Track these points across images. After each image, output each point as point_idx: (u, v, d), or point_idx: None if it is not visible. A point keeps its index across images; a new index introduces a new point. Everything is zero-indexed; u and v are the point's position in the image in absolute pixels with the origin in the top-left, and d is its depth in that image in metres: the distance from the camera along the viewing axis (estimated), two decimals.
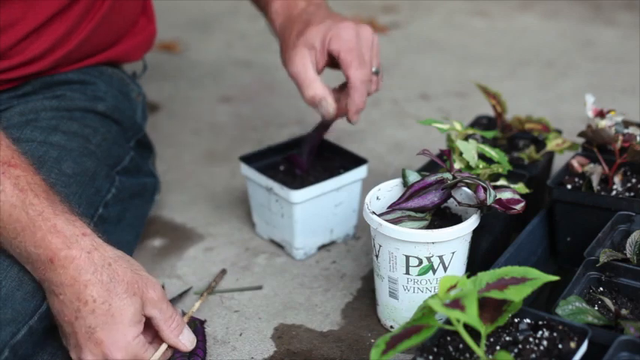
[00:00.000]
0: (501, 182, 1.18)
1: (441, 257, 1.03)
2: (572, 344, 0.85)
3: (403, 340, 0.80)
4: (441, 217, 1.10)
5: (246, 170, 1.31)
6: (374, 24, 2.35)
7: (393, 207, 1.06)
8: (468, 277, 0.84)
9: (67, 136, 1.14)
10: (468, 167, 1.13)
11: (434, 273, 1.04)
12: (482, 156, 1.15)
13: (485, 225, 1.17)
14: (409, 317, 0.91)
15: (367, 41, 1.20)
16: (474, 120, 1.44)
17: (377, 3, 2.53)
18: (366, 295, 1.20)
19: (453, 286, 0.82)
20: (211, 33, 2.25)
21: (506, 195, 1.06)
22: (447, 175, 1.06)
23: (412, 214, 1.05)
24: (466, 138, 1.17)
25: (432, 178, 1.05)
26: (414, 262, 1.03)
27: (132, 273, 0.97)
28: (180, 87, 1.98)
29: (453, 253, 1.04)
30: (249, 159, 1.33)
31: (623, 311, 0.95)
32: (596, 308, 0.96)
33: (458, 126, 1.18)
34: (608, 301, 0.95)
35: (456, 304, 0.78)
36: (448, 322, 0.81)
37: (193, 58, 2.13)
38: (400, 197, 1.06)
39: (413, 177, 1.10)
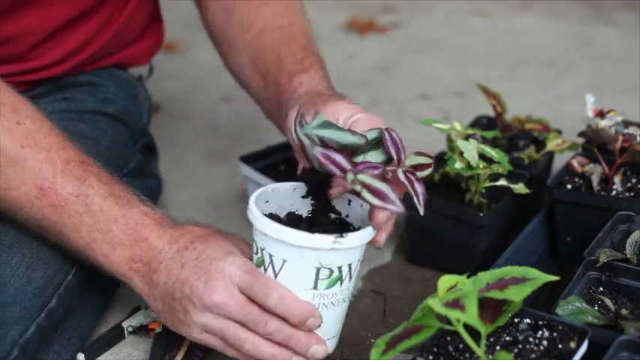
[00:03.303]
0: (502, 182, 1.18)
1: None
2: (572, 344, 0.85)
3: (403, 340, 0.80)
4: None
5: (246, 170, 1.31)
6: (374, 24, 2.35)
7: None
8: (468, 277, 0.84)
9: (76, 139, 1.14)
10: (469, 167, 1.13)
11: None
12: (482, 156, 1.15)
13: (485, 225, 1.17)
14: None
15: None
16: (474, 120, 1.44)
17: (377, 3, 2.53)
18: (366, 295, 1.20)
19: (453, 286, 0.82)
20: None
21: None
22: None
23: None
24: (466, 138, 1.17)
25: None
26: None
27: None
28: (180, 87, 1.98)
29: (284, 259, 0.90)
30: (249, 159, 1.33)
31: (623, 311, 0.95)
32: (596, 308, 0.96)
33: (458, 126, 1.18)
34: (608, 301, 0.95)
35: (456, 304, 0.78)
36: (448, 322, 0.81)
37: (194, 58, 2.13)
38: None
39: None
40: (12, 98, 0.97)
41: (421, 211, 0.87)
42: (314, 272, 0.89)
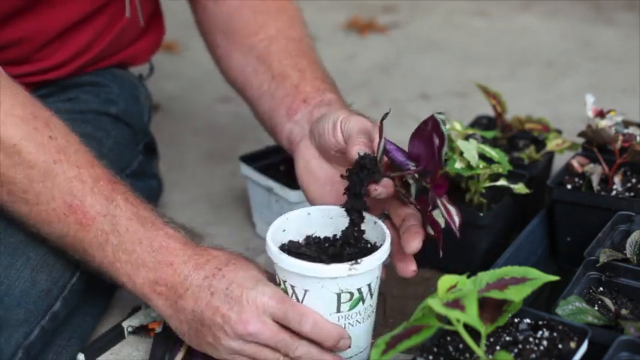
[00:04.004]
0: (502, 182, 1.18)
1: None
2: (572, 344, 0.85)
3: (403, 340, 0.80)
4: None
5: (246, 170, 1.31)
6: (374, 24, 2.35)
7: None
8: (468, 277, 0.84)
9: (80, 139, 1.14)
10: (469, 167, 1.13)
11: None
12: (482, 156, 1.15)
13: (485, 225, 1.17)
14: None
15: None
16: (474, 120, 1.44)
17: (377, 3, 2.53)
18: None
19: (453, 286, 0.82)
20: None
21: None
22: None
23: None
24: (466, 138, 1.17)
25: None
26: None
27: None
28: (179, 87, 1.98)
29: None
30: (249, 159, 1.33)
31: (623, 311, 0.95)
32: (596, 308, 0.96)
33: (458, 126, 1.18)
34: (608, 301, 0.95)
35: (456, 304, 0.78)
36: (448, 322, 0.81)
37: (193, 58, 2.13)
38: None
39: None
40: (44, 112, 0.97)
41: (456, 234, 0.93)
42: (335, 298, 0.93)
